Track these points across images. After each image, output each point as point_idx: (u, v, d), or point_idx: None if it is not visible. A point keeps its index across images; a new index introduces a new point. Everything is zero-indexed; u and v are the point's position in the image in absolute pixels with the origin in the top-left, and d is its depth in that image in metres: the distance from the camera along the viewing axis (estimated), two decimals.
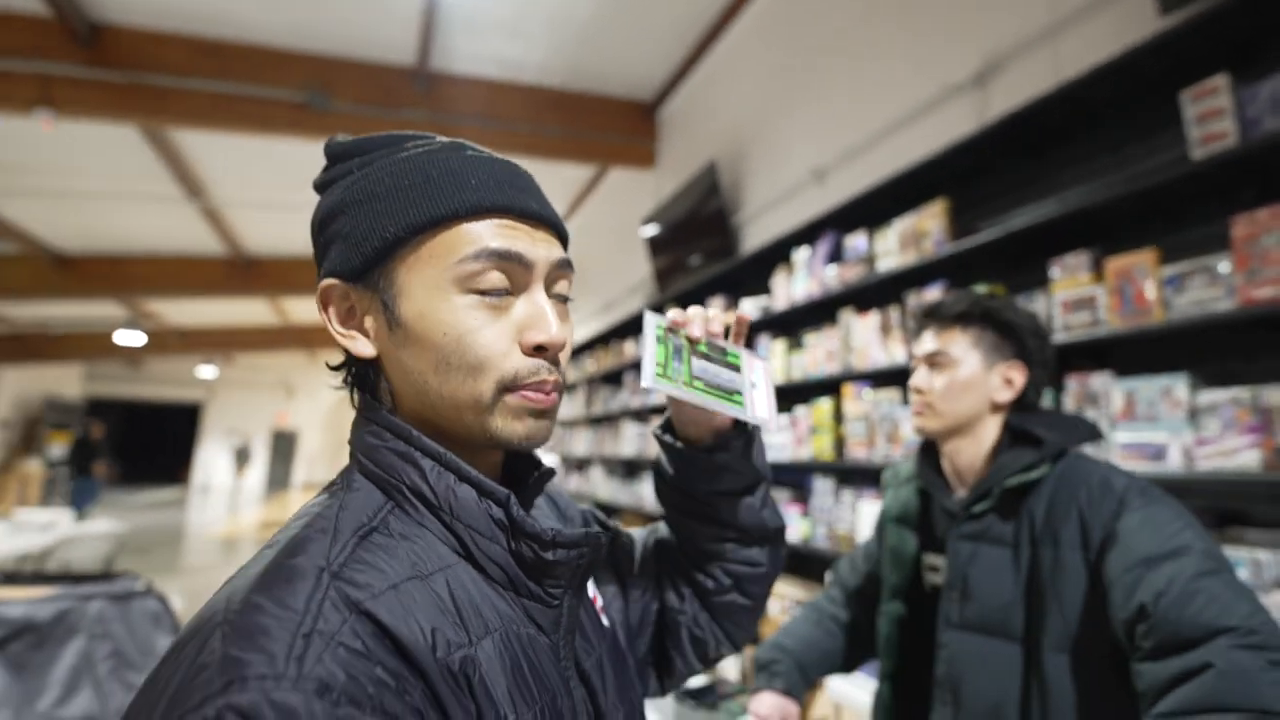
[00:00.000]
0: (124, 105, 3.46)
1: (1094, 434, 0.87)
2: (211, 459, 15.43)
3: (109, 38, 3.37)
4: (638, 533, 0.67)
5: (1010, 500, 0.87)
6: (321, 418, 16.06)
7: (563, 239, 0.47)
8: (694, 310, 0.54)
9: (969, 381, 0.91)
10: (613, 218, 5.03)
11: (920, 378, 0.95)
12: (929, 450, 1.02)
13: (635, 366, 4.08)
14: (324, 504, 0.42)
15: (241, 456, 14.90)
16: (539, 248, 0.43)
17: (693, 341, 0.52)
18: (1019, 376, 0.91)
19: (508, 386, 0.42)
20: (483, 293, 0.42)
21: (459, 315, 0.41)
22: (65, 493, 11.04)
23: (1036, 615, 0.80)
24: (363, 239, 0.42)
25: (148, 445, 15.81)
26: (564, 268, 0.46)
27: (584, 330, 5.23)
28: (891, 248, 2.05)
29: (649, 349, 0.50)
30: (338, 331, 0.45)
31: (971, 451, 0.93)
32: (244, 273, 6.77)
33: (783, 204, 2.93)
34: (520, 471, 0.52)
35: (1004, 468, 0.87)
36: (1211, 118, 1.28)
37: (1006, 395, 0.91)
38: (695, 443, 0.57)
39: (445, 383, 0.42)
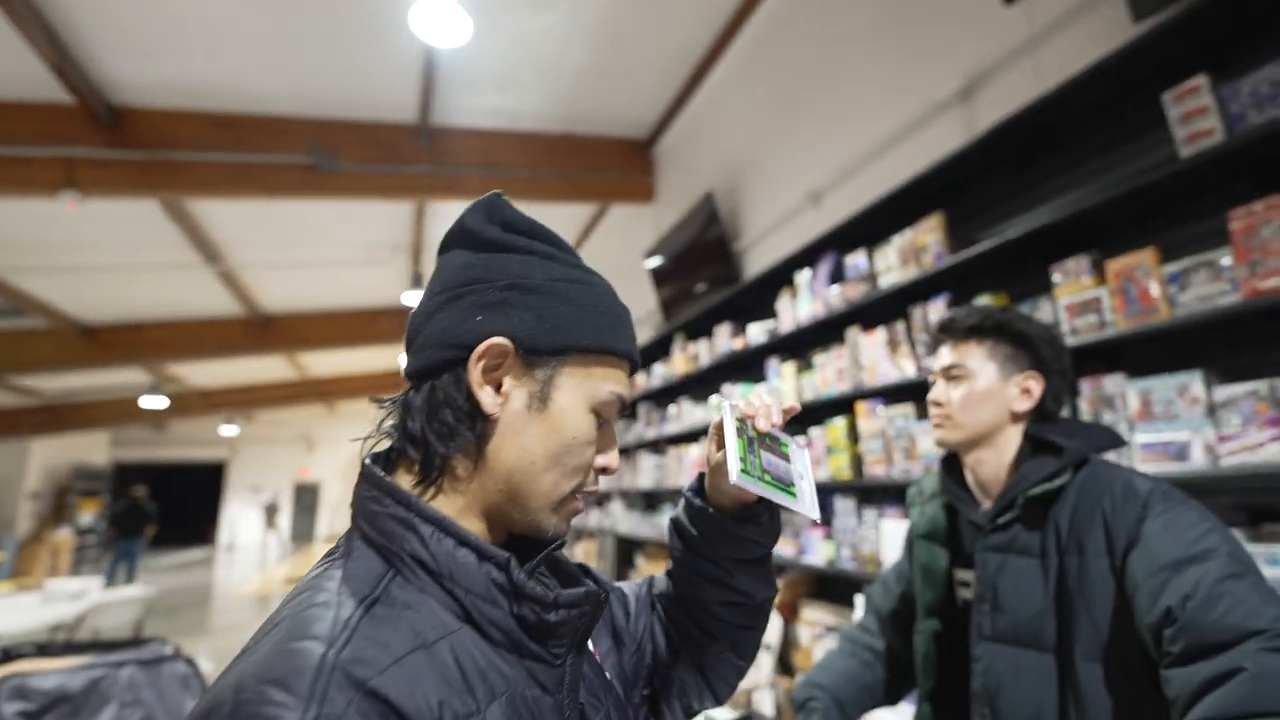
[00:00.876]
0: (144, 182, 3.62)
1: (1115, 440, 0.87)
2: (237, 516, 15.52)
3: (128, 119, 3.55)
4: (628, 586, 0.69)
5: (1034, 510, 0.87)
6: (341, 467, 16.17)
7: None
8: (759, 400, 0.57)
9: (986, 392, 0.92)
10: (616, 253, 5.11)
11: (938, 391, 0.96)
12: (951, 464, 1.02)
13: (648, 398, 4.09)
14: (324, 576, 0.42)
15: (271, 512, 15.01)
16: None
17: (760, 434, 0.56)
18: (1036, 386, 0.92)
19: (576, 490, 0.49)
20: (601, 419, 0.50)
21: (587, 426, 0.49)
22: (95, 559, 11.12)
23: (1067, 624, 0.80)
24: (557, 330, 0.48)
25: (175, 506, 15.97)
26: None
27: None
28: (892, 264, 2.07)
29: (732, 442, 0.52)
30: (477, 380, 0.46)
31: (994, 462, 0.93)
32: (261, 331, 6.93)
33: (782, 228, 2.97)
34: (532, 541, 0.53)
35: (1026, 478, 0.87)
36: (1195, 116, 1.29)
37: (1025, 405, 0.92)
38: (724, 509, 0.59)
39: (548, 470, 0.47)
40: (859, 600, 2.07)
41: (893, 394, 2.10)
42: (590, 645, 0.56)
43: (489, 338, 0.46)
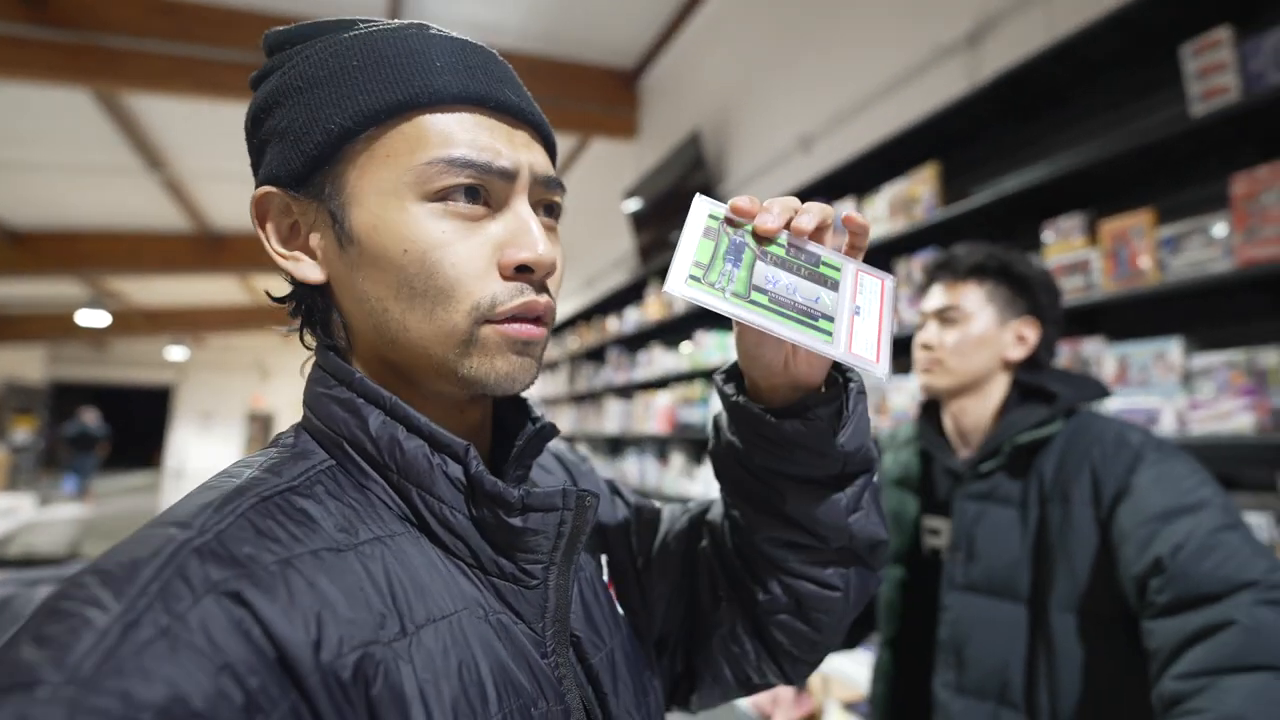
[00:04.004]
0: (73, 67, 3.25)
1: (1103, 391, 0.85)
2: (186, 442, 15.10)
3: None
4: (668, 509, 0.56)
5: (1020, 458, 0.84)
6: (296, 398, 15.75)
7: (549, 146, 0.40)
8: (774, 199, 0.38)
9: (982, 337, 0.87)
10: (595, 190, 4.92)
11: (930, 333, 0.91)
12: (930, 410, 0.99)
13: (619, 343, 4.01)
14: (247, 460, 0.35)
15: None
16: (520, 152, 0.36)
17: (761, 239, 0.36)
18: (1032, 333, 0.88)
19: (486, 317, 0.34)
20: (451, 200, 0.34)
21: (423, 227, 0.33)
22: (31, 480, 10.80)
23: (1044, 575, 0.78)
24: (303, 134, 0.35)
25: (118, 429, 15.45)
26: (551, 186, 0.38)
27: (566, 306, 5.14)
28: (880, 214, 2.01)
29: (687, 241, 0.35)
30: (277, 252, 0.37)
31: (978, 411, 0.89)
32: (210, 249, 6.53)
33: (769, 173, 2.86)
34: (511, 426, 0.43)
35: (1014, 424, 0.84)
36: (1213, 72, 1.24)
37: (1019, 353, 0.88)
38: (766, 398, 0.40)
39: (410, 311, 0.34)
40: None
41: None
42: (604, 571, 0.46)
43: (257, 198, 0.37)
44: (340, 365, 0.36)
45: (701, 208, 0.36)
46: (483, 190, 0.35)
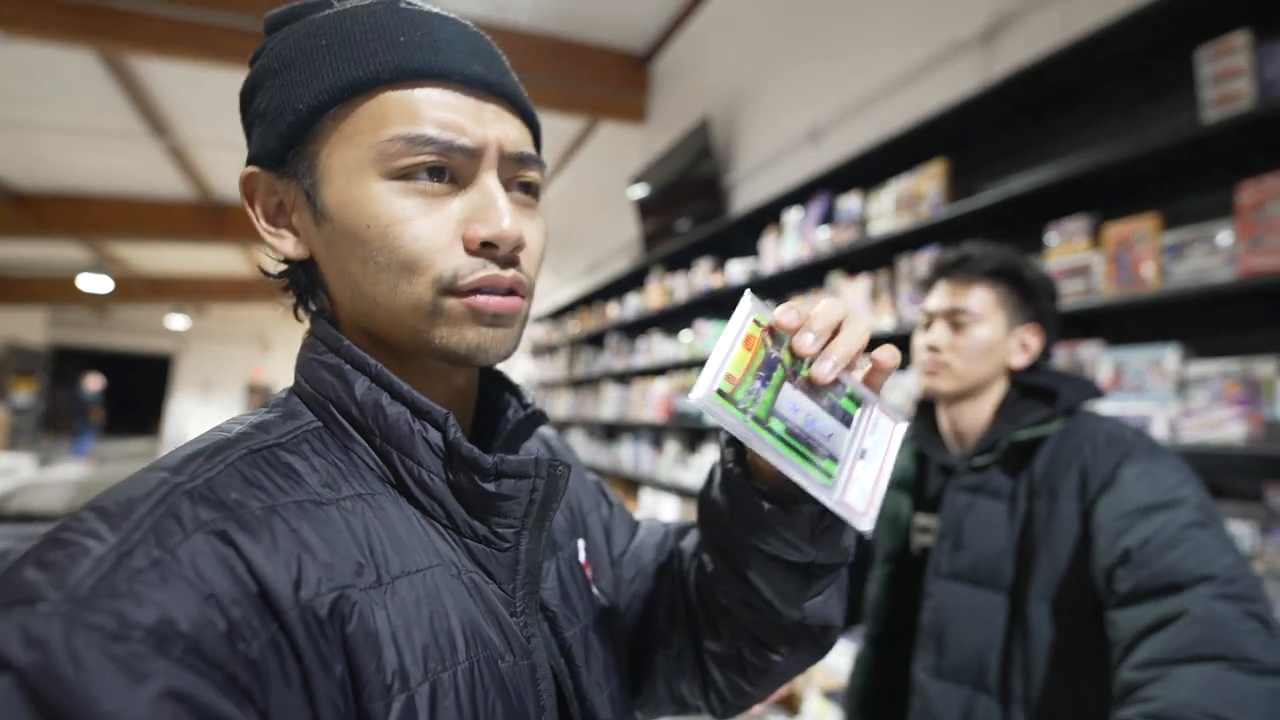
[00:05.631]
0: (80, 28, 3.22)
1: (1097, 392, 0.85)
2: (186, 411, 15.16)
3: None
4: (647, 521, 0.58)
5: (1015, 455, 0.85)
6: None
7: (527, 119, 0.40)
8: (821, 309, 0.36)
9: (991, 343, 0.87)
10: (601, 175, 4.88)
11: (938, 335, 0.90)
12: (925, 409, 0.99)
13: (619, 329, 4.01)
14: (238, 418, 0.37)
15: None
16: (489, 127, 0.36)
17: (796, 358, 0.35)
18: (1035, 341, 0.89)
19: (448, 288, 0.35)
20: (412, 178, 0.35)
21: (385, 203, 0.34)
22: (32, 441, 10.91)
23: (1026, 565, 0.79)
24: (277, 115, 0.36)
25: (117, 395, 15.50)
26: (525, 163, 0.38)
27: (568, 291, 5.13)
28: (886, 210, 2.00)
29: (726, 345, 0.33)
30: (265, 230, 0.39)
31: (974, 414, 0.90)
32: (213, 218, 6.50)
33: (776, 164, 2.84)
34: (502, 408, 0.45)
35: (1013, 421, 0.85)
36: (1228, 77, 1.22)
37: (1021, 360, 0.88)
38: (763, 475, 0.40)
39: (377, 285, 0.36)
40: None
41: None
42: (583, 556, 0.48)
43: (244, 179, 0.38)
44: (330, 332, 0.38)
45: (748, 309, 0.35)
46: (447, 168, 0.35)
